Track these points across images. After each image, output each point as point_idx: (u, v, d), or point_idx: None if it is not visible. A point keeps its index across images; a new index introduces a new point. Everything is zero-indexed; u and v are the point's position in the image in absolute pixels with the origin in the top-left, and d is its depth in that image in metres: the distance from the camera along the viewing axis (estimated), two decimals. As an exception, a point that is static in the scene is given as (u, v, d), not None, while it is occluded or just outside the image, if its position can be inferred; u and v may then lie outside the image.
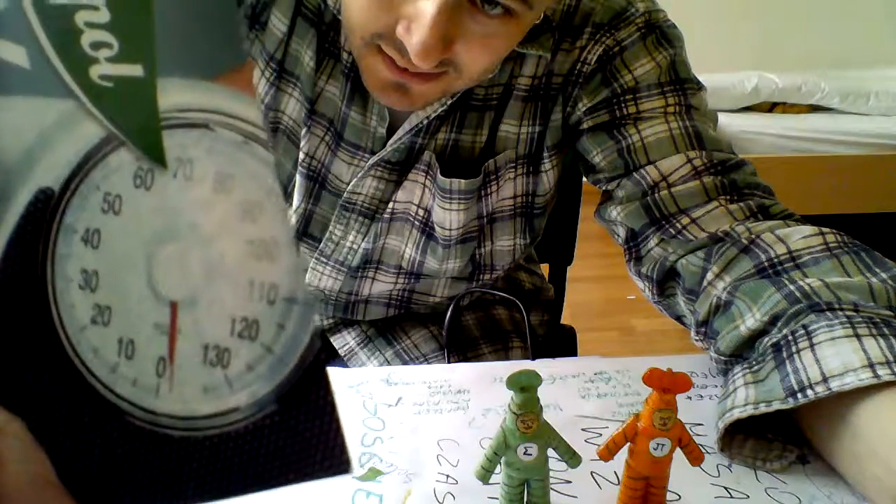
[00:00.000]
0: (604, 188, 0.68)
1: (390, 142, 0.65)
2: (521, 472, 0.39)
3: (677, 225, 0.60)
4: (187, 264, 0.22)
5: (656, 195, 0.61)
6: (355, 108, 0.64)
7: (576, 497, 0.43)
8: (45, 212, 0.22)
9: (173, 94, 0.22)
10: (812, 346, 0.45)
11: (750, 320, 0.50)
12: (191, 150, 0.22)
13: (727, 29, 3.24)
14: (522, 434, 0.38)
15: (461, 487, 0.44)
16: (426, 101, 0.59)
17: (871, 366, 0.41)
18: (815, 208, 2.61)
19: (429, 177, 0.67)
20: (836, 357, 0.43)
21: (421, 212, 0.69)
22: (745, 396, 0.45)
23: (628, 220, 0.63)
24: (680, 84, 0.64)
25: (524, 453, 0.38)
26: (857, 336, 0.44)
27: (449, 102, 0.62)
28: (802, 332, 0.46)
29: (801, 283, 0.49)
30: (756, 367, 0.47)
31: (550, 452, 0.40)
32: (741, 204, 0.59)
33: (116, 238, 0.22)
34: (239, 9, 0.63)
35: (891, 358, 0.41)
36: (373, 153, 0.65)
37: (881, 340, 0.43)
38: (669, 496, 0.42)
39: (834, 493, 0.43)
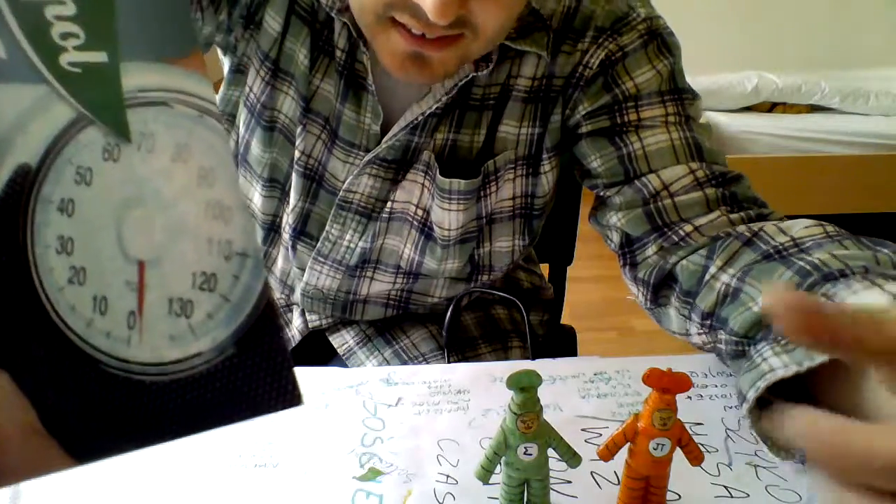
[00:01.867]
0: (600, 193, 0.68)
1: (385, 138, 0.65)
2: (521, 472, 0.39)
3: (680, 232, 0.60)
4: (152, 227, 0.25)
5: (659, 203, 0.61)
6: (349, 106, 0.65)
7: (576, 497, 0.43)
8: (24, 185, 0.24)
9: (135, 77, 0.24)
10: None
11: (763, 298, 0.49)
12: (151, 125, 0.25)
13: (727, 29, 3.24)
14: (522, 434, 0.38)
15: (461, 487, 0.44)
16: (446, 70, 0.58)
17: None
18: (815, 208, 2.61)
19: (428, 176, 0.67)
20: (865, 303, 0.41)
21: (420, 212, 0.69)
22: (782, 361, 0.43)
23: (629, 227, 0.63)
24: (679, 93, 0.64)
25: (524, 453, 0.38)
26: (877, 285, 0.43)
27: (444, 99, 0.62)
28: (823, 299, 0.45)
29: (809, 258, 0.49)
30: (783, 341, 0.46)
31: (550, 452, 0.40)
32: (742, 214, 0.60)
33: (89, 206, 0.25)
34: None
35: None
36: (367, 151, 0.65)
37: None
38: (669, 496, 0.42)
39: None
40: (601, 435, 0.49)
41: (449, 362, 0.74)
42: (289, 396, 0.26)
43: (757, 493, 0.43)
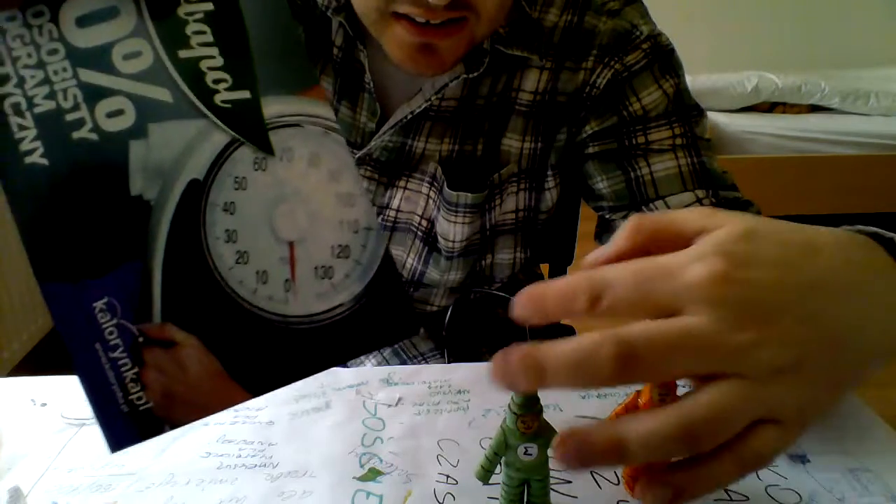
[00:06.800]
0: (606, 216, 0.68)
1: (375, 136, 0.65)
2: (521, 473, 0.39)
3: None
4: (296, 216, 0.33)
5: None
6: (345, 104, 0.65)
7: (576, 497, 0.43)
8: (196, 194, 0.32)
9: (273, 107, 0.32)
10: None
11: None
12: (289, 141, 0.33)
13: (727, 29, 3.24)
14: (522, 434, 0.38)
15: (461, 487, 0.44)
16: (455, 56, 0.58)
17: None
18: (815, 208, 2.61)
19: (433, 188, 0.67)
20: None
21: (424, 222, 0.69)
22: None
23: None
24: (686, 112, 0.64)
25: (524, 453, 0.38)
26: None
27: (433, 99, 0.62)
28: None
29: None
30: None
31: (551, 452, 0.39)
32: None
33: (246, 205, 0.33)
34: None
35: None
36: (361, 149, 0.65)
37: None
38: (669, 496, 0.42)
39: (835, 488, 0.43)
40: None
41: (449, 362, 0.73)
42: (409, 328, 0.34)
43: (757, 493, 0.43)
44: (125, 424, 0.32)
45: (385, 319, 0.34)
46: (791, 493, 0.43)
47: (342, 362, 0.34)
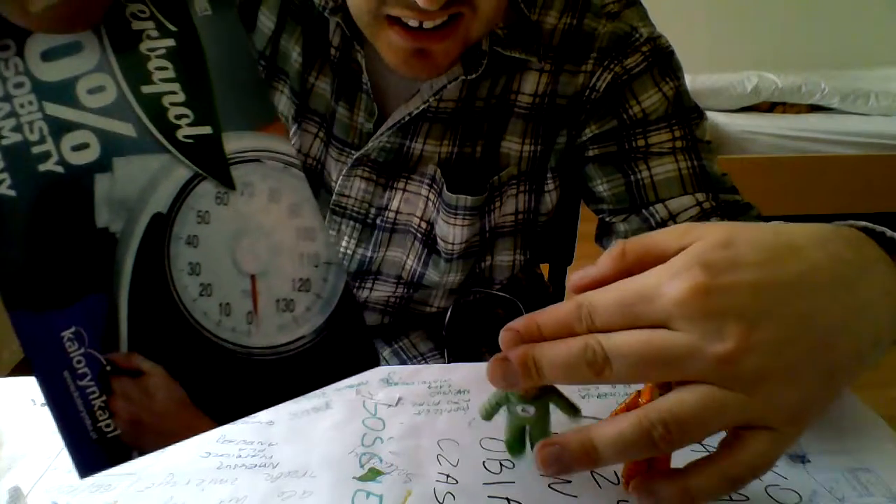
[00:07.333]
0: (606, 219, 0.68)
1: (373, 137, 0.64)
2: (520, 421, 0.41)
3: None
4: (258, 250, 0.33)
5: None
6: (342, 104, 0.64)
7: (576, 497, 0.43)
8: (160, 227, 0.32)
9: (234, 142, 0.33)
10: None
11: None
12: (250, 176, 0.33)
13: (727, 29, 3.24)
14: (521, 397, 0.39)
15: (461, 487, 0.44)
16: (450, 59, 0.58)
17: None
18: (815, 208, 2.61)
19: (433, 190, 0.67)
20: None
21: (424, 224, 0.69)
22: None
23: None
24: (686, 115, 0.64)
25: (521, 411, 0.40)
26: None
27: (431, 100, 0.62)
28: None
29: None
30: None
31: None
32: None
33: (209, 239, 0.33)
34: (264, 80, 0.63)
35: None
36: (359, 150, 0.65)
37: None
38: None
39: (835, 487, 0.43)
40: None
41: (449, 362, 0.73)
42: (369, 359, 0.35)
43: (757, 493, 0.43)
44: (94, 451, 0.32)
45: (346, 351, 0.35)
46: (791, 494, 0.43)
47: (304, 392, 0.34)
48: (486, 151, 0.66)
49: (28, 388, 0.55)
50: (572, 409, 0.40)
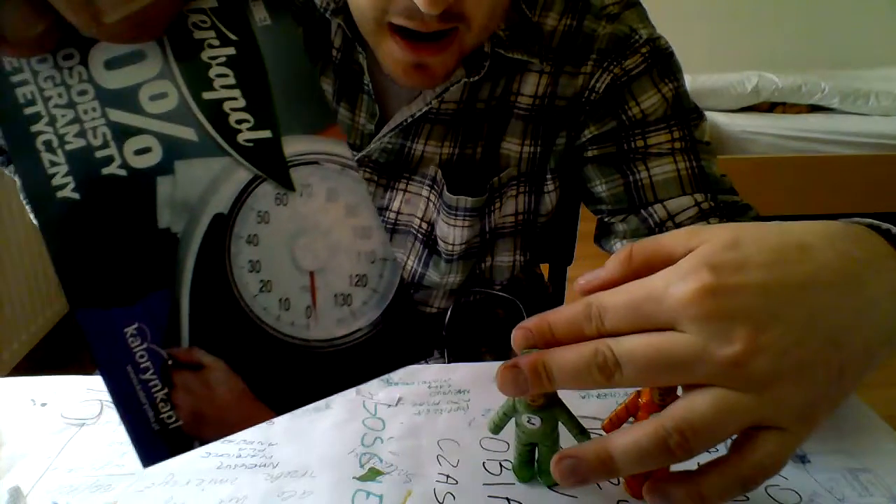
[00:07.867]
0: (605, 219, 0.68)
1: (374, 139, 0.65)
2: (527, 436, 0.41)
3: None
4: (316, 248, 0.34)
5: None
6: (344, 105, 0.65)
7: (576, 497, 0.43)
8: (221, 227, 0.33)
9: (292, 146, 0.34)
10: None
11: None
12: (309, 178, 0.34)
13: (727, 29, 3.24)
14: (528, 405, 0.39)
15: (461, 487, 0.44)
16: (447, 70, 0.59)
17: None
18: (815, 208, 2.61)
19: (434, 191, 0.67)
20: None
21: (424, 225, 0.69)
22: None
23: None
24: (685, 116, 0.64)
25: (528, 422, 0.40)
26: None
27: (433, 102, 0.62)
28: None
29: None
30: None
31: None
32: None
33: (269, 238, 0.34)
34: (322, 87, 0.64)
35: None
36: (360, 151, 0.65)
37: None
38: None
39: (835, 488, 0.43)
40: (601, 435, 0.49)
41: (449, 362, 0.73)
42: (423, 350, 0.36)
43: (757, 493, 0.43)
44: (156, 442, 0.33)
45: (400, 343, 0.36)
46: (791, 494, 0.43)
47: (360, 383, 0.35)
48: (487, 153, 0.66)
49: (28, 388, 0.55)
50: (580, 431, 0.40)
